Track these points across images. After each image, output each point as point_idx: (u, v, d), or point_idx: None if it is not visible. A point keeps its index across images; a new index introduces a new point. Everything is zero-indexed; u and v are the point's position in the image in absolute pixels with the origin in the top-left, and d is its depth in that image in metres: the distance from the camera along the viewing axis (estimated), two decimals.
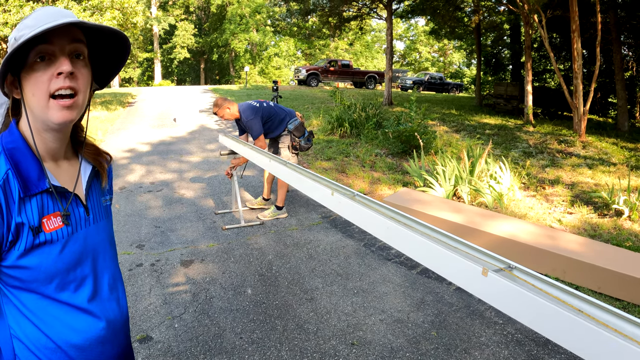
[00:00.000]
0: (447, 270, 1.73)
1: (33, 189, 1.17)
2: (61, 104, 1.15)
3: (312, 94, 22.86)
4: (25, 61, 1.14)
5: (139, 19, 17.26)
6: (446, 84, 37.45)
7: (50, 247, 1.19)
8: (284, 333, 3.59)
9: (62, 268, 1.22)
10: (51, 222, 1.20)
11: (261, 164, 4.13)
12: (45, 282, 1.19)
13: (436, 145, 9.90)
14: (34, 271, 1.17)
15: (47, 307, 1.21)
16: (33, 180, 1.18)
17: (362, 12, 22.47)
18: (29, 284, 1.17)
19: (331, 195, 2.53)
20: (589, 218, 6.20)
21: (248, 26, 45.71)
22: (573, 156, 10.13)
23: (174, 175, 8.19)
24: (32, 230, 1.15)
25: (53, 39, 1.13)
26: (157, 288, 4.24)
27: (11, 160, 1.15)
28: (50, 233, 1.19)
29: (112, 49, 1.31)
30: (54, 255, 1.20)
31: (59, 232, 1.21)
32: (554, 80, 26.41)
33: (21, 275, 1.16)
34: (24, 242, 1.14)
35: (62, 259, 1.22)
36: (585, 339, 1.25)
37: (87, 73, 1.23)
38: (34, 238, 1.16)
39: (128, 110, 16.94)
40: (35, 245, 1.16)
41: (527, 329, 3.68)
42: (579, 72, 12.30)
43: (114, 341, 1.38)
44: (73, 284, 1.26)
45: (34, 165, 1.19)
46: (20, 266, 1.15)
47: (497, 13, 23.01)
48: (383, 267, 4.76)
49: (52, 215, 1.21)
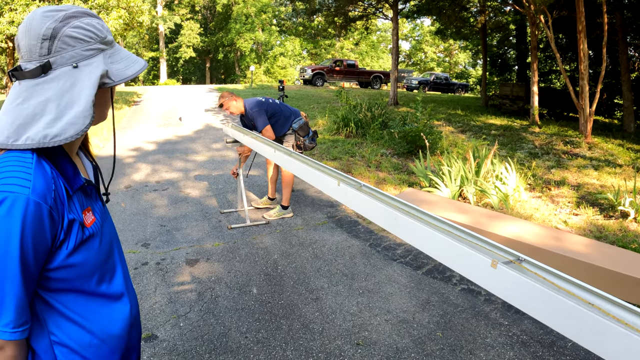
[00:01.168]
0: (455, 262, 1.71)
1: (75, 185, 1.19)
2: None
3: (317, 94, 22.86)
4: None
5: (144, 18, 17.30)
6: (452, 84, 37.40)
7: (92, 241, 1.21)
8: (289, 333, 3.59)
9: (102, 259, 1.26)
10: (88, 216, 1.22)
11: (266, 154, 4.12)
12: (89, 277, 1.21)
13: (442, 145, 9.88)
14: (81, 268, 1.18)
15: (88, 303, 1.23)
16: (72, 176, 1.19)
17: (367, 12, 22.46)
18: (72, 283, 1.18)
19: (337, 186, 2.51)
20: (594, 219, 6.18)
21: (254, 25, 45.74)
22: (579, 157, 10.10)
23: (179, 174, 8.20)
24: (81, 225, 1.17)
25: None
26: (162, 287, 4.25)
27: (50, 161, 1.15)
28: (90, 227, 1.21)
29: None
30: (96, 248, 1.23)
31: (95, 225, 1.24)
32: (559, 81, 26.37)
33: (67, 275, 1.16)
34: (73, 239, 1.14)
35: (101, 251, 1.26)
36: (596, 332, 1.23)
37: None
38: (82, 234, 1.17)
39: (134, 109, 16.98)
40: (84, 240, 1.17)
41: (533, 330, 3.67)
42: (585, 73, 12.26)
43: (138, 325, 1.44)
44: (109, 274, 1.30)
45: (68, 162, 1.20)
46: (68, 265, 1.15)
47: (503, 13, 23.01)
48: (389, 268, 4.76)
49: (86, 210, 1.23)
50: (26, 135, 1.08)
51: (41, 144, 1.08)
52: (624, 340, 1.18)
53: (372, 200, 2.19)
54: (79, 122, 1.11)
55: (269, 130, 5.70)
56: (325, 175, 2.68)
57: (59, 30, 1.13)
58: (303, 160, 3.14)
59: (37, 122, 1.10)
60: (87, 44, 1.17)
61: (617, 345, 1.19)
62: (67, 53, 1.14)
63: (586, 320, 1.26)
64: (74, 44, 1.14)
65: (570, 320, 1.30)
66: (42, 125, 1.09)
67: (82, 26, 1.16)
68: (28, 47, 1.12)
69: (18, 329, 1.05)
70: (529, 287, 1.42)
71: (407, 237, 1.95)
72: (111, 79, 1.20)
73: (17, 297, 1.03)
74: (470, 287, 4.34)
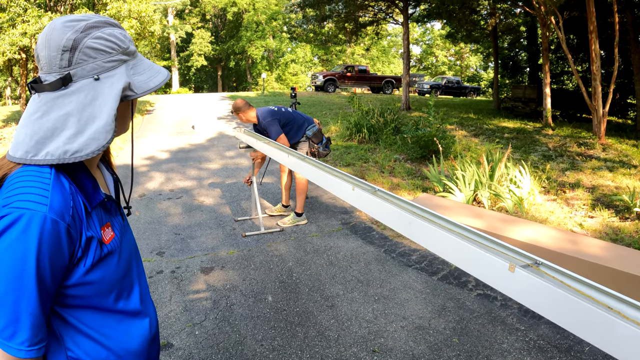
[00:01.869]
0: (472, 266, 1.69)
1: (94, 201, 1.16)
2: None
3: (329, 100, 22.89)
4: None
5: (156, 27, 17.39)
6: (463, 87, 37.31)
7: (110, 258, 1.19)
8: (304, 340, 3.59)
9: (120, 276, 1.24)
10: (106, 232, 1.20)
11: (279, 159, 4.12)
12: (107, 293, 1.19)
13: (455, 150, 9.86)
14: (98, 285, 1.16)
15: (105, 320, 1.21)
16: (91, 192, 1.17)
17: (378, 17, 22.47)
18: (89, 300, 1.16)
19: (352, 190, 2.51)
20: (610, 222, 6.14)
21: (264, 33, 45.92)
22: (593, 159, 10.03)
23: (193, 183, 8.23)
24: (99, 243, 1.15)
25: None
26: (177, 295, 4.26)
27: (69, 177, 1.12)
28: (109, 244, 1.19)
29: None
30: (114, 265, 1.21)
31: (114, 241, 1.22)
32: (572, 82, 26.20)
33: (84, 292, 1.14)
34: (91, 256, 1.13)
35: (119, 268, 1.23)
36: (616, 336, 1.22)
37: None
38: (101, 251, 1.15)
39: (147, 118, 17.08)
40: (102, 258, 1.16)
41: (550, 335, 3.65)
42: (597, 74, 12.19)
43: (157, 339, 1.42)
44: (126, 290, 1.28)
45: (87, 177, 1.18)
46: (85, 282, 1.13)
47: (514, 15, 22.90)
48: (404, 274, 4.74)
49: (105, 226, 1.20)
50: (46, 151, 1.07)
51: (61, 160, 1.06)
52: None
53: (387, 204, 2.18)
54: (101, 137, 1.09)
55: (282, 139, 5.70)
56: (340, 179, 2.67)
57: (80, 41, 1.10)
58: (317, 165, 3.14)
59: (57, 137, 1.08)
60: (108, 55, 1.14)
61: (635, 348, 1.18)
62: (88, 65, 1.11)
63: (606, 324, 1.24)
64: (95, 56, 1.12)
65: (590, 324, 1.29)
66: (63, 141, 1.07)
67: (103, 37, 1.13)
68: (48, 58, 1.10)
69: (34, 347, 1.04)
70: (548, 291, 1.40)
71: (423, 242, 1.94)
72: (134, 91, 1.18)
73: (32, 315, 1.02)
74: (486, 293, 4.32)
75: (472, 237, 1.79)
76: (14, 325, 1.01)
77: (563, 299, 1.36)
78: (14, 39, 13.26)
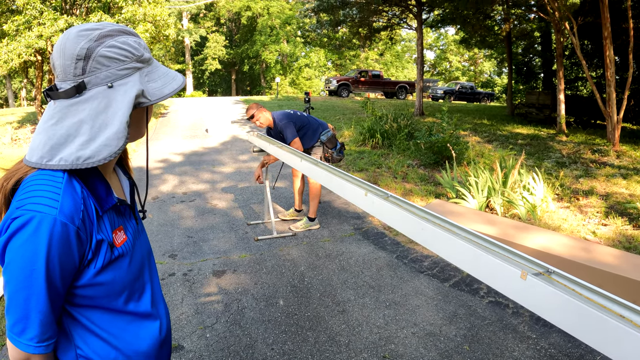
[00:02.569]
0: (484, 273, 1.69)
1: (106, 205, 1.19)
2: None
3: (343, 105, 22.91)
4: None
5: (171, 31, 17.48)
6: (477, 93, 37.17)
7: (121, 261, 1.22)
8: (315, 345, 3.60)
9: (131, 279, 1.26)
10: (118, 235, 1.22)
11: (292, 163, 4.13)
12: (117, 295, 1.22)
13: (468, 156, 9.83)
14: (108, 286, 1.19)
15: (114, 320, 1.23)
16: (103, 196, 1.19)
17: (392, 22, 22.45)
18: (99, 301, 1.19)
19: (364, 196, 2.51)
20: (623, 230, 6.10)
21: (278, 37, 46.03)
22: (607, 166, 9.96)
23: (206, 186, 8.26)
24: (110, 246, 1.17)
25: None
26: (189, 298, 4.29)
27: (81, 180, 1.15)
28: (121, 247, 1.22)
29: None
30: (125, 267, 1.23)
31: (126, 244, 1.25)
32: (586, 88, 26.04)
33: (95, 293, 1.17)
34: (102, 259, 1.15)
35: (131, 271, 1.26)
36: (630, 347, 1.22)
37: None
38: (111, 254, 1.18)
39: (161, 121, 17.16)
40: (112, 260, 1.18)
41: (561, 343, 3.63)
42: (612, 80, 12.12)
43: (168, 342, 1.43)
44: (137, 293, 1.30)
45: (100, 181, 1.20)
46: (95, 283, 1.16)
47: (528, 21, 22.84)
48: (415, 280, 4.74)
49: (117, 229, 1.23)
50: (59, 157, 1.09)
51: (74, 165, 1.09)
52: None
53: (400, 210, 2.18)
54: (113, 144, 1.11)
55: (297, 142, 5.70)
56: (353, 185, 2.67)
57: (94, 49, 1.12)
58: (330, 169, 3.14)
59: (70, 144, 1.10)
60: (122, 63, 1.16)
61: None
62: (102, 73, 1.13)
63: (618, 334, 1.24)
64: (108, 64, 1.14)
65: (602, 333, 1.29)
66: (76, 147, 1.10)
67: (117, 45, 1.15)
68: (62, 67, 1.12)
69: (42, 344, 1.09)
70: (560, 299, 1.40)
71: (435, 248, 1.94)
72: (147, 98, 1.19)
73: (42, 313, 1.06)
74: (497, 300, 4.30)
75: (484, 244, 1.79)
76: (23, 322, 1.06)
77: (575, 308, 1.36)
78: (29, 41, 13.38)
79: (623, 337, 1.24)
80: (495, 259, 1.64)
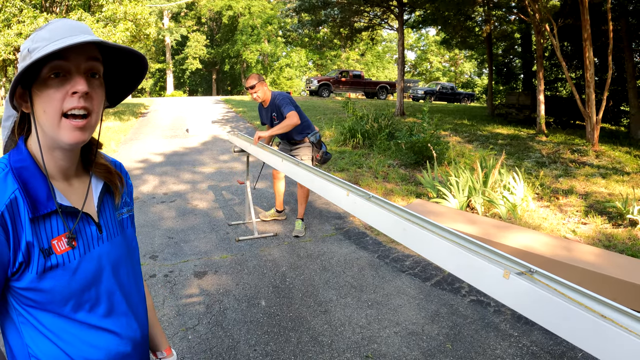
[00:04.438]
0: (467, 273, 1.69)
1: (42, 210, 1.13)
2: (73, 124, 1.12)
3: (324, 105, 22.91)
4: (38, 75, 1.10)
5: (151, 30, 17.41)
6: (458, 93, 37.42)
7: (62, 270, 1.15)
8: (298, 345, 3.58)
9: (77, 289, 1.18)
10: (61, 243, 1.16)
11: (273, 164, 4.12)
12: (61, 303, 1.15)
13: (449, 156, 9.86)
14: (49, 294, 1.13)
15: (65, 325, 1.17)
16: (42, 200, 1.14)
17: (373, 22, 22.52)
18: (45, 305, 1.14)
19: (346, 196, 2.51)
20: (603, 228, 6.16)
21: (259, 37, 45.94)
22: (586, 166, 10.07)
23: (187, 186, 8.21)
24: (42, 252, 1.11)
25: (69, 56, 1.10)
26: (170, 299, 4.25)
27: (19, 180, 1.11)
28: (61, 255, 1.15)
29: (127, 68, 1.28)
30: (67, 277, 1.15)
31: (70, 253, 1.17)
32: (565, 89, 26.30)
33: (36, 298, 1.12)
34: (35, 265, 1.10)
35: (76, 281, 1.17)
36: (608, 343, 1.23)
37: (102, 93, 1.19)
38: (45, 261, 1.12)
39: (141, 121, 17.05)
40: (47, 268, 1.12)
41: (543, 341, 3.66)
42: (591, 81, 12.24)
43: (135, 356, 1.34)
44: (88, 303, 1.21)
45: (42, 185, 1.15)
46: (34, 289, 1.11)
47: (508, 22, 22.99)
48: (397, 279, 4.74)
49: (62, 236, 1.16)
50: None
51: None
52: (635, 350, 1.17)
53: (382, 210, 2.18)
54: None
55: (295, 115, 5.44)
56: (334, 185, 2.67)
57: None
58: (311, 170, 3.14)
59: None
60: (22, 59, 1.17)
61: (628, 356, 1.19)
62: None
63: (599, 331, 1.26)
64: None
65: (583, 331, 1.31)
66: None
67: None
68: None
69: None
70: (542, 298, 1.42)
71: (418, 248, 1.95)
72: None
73: None
74: (479, 299, 4.32)
75: (466, 244, 1.79)
76: None
77: (556, 306, 1.37)
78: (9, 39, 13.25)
79: (603, 334, 1.26)
80: (478, 259, 1.65)
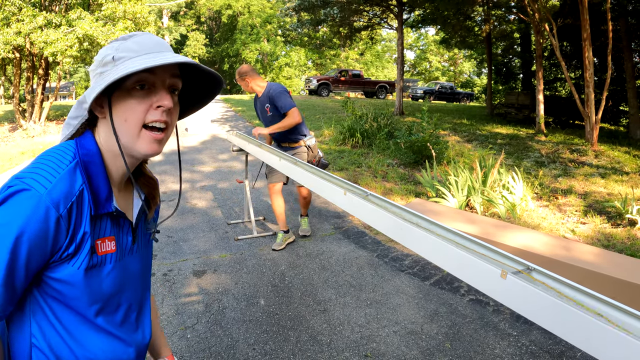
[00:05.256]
0: (464, 272, 1.69)
1: (102, 209, 1.15)
2: (153, 137, 1.16)
3: (323, 104, 22.90)
4: (121, 83, 1.12)
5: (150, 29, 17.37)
6: (457, 93, 37.41)
7: (99, 270, 1.16)
8: (297, 344, 3.58)
9: (106, 293, 1.20)
10: (105, 244, 1.17)
11: (271, 162, 4.10)
12: (88, 304, 1.16)
13: (448, 155, 9.87)
14: (81, 291, 1.13)
15: (82, 326, 1.17)
16: (102, 199, 1.15)
17: (372, 22, 22.51)
18: (70, 301, 1.13)
19: (344, 195, 2.50)
20: (602, 228, 6.16)
21: (259, 36, 45.97)
22: (585, 165, 10.07)
23: (186, 185, 8.21)
24: (91, 249, 1.13)
25: (157, 71, 1.13)
26: (169, 298, 4.25)
27: (86, 174, 1.12)
28: (101, 256, 1.16)
29: (201, 86, 1.32)
30: (101, 278, 1.17)
31: (109, 256, 1.19)
32: (565, 89, 26.31)
33: (66, 291, 1.12)
34: (81, 260, 1.11)
35: (108, 284, 1.19)
36: (605, 342, 1.23)
37: (178, 108, 1.24)
38: (90, 258, 1.13)
39: None
40: (90, 266, 1.13)
41: (542, 340, 3.66)
42: (591, 81, 12.24)
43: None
44: (110, 309, 1.23)
45: (104, 185, 1.16)
46: (68, 282, 1.11)
47: (508, 22, 22.98)
48: (396, 278, 4.74)
49: (107, 238, 1.18)
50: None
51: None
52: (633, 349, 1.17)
53: (379, 209, 2.17)
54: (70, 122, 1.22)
55: (296, 111, 5.27)
56: (332, 184, 2.66)
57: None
58: (309, 169, 3.13)
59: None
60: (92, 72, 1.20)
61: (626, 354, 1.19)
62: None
63: (595, 330, 1.25)
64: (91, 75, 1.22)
65: (580, 330, 1.30)
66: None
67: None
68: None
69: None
70: (539, 297, 1.41)
71: (415, 247, 1.94)
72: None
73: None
74: (478, 298, 4.32)
75: (464, 243, 1.79)
76: None
77: (554, 306, 1.37)
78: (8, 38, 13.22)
79: (602, 334, 1.25)
80: (476, 258, 1.64)
